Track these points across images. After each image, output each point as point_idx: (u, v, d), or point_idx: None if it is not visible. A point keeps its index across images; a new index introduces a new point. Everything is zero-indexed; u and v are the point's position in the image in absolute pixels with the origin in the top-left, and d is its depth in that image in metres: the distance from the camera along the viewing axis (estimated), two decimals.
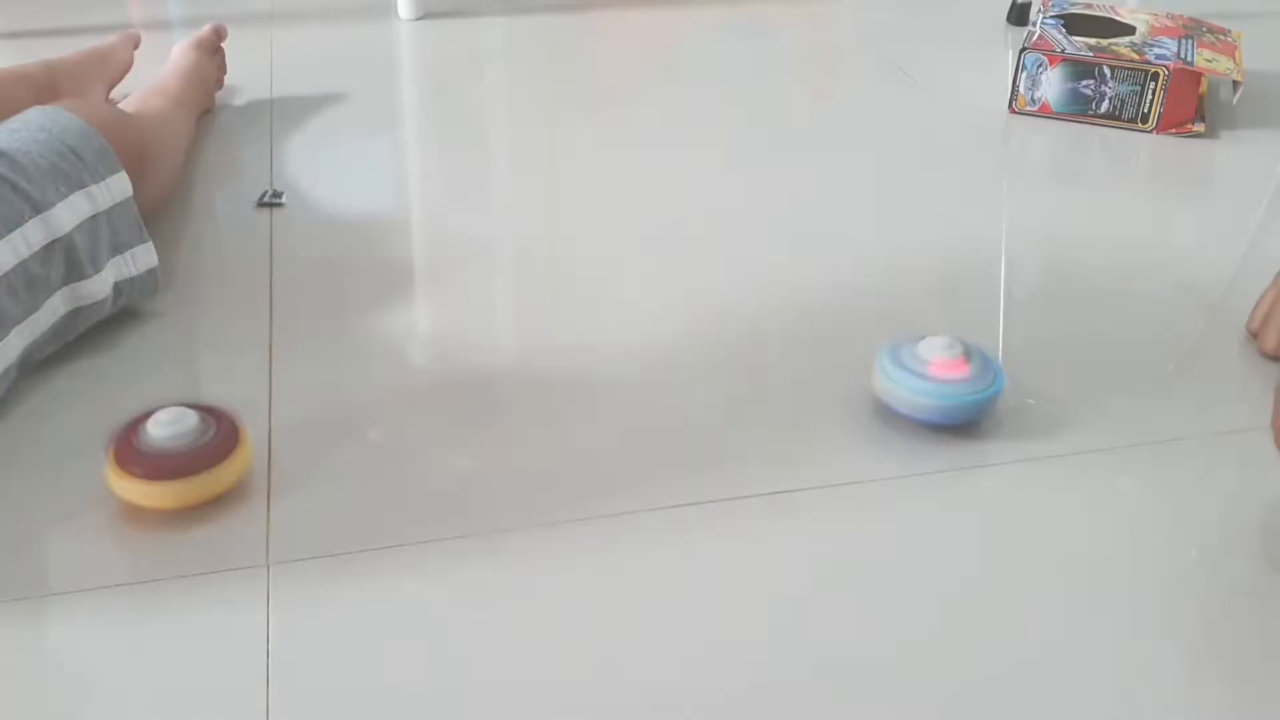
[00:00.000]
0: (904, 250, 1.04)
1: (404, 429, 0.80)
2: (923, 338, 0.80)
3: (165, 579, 0.67)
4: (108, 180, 0.88)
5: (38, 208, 0.81)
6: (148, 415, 0.71)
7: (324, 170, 1.18)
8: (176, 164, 1.10)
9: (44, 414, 0.81)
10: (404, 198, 1.14)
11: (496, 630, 0.64)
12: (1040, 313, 0.95)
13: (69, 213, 0.83)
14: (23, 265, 0.79)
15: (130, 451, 0.70)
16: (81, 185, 0.85)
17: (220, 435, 0.71)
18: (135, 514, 0.71)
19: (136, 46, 1.32)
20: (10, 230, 0.79)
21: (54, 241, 0.82)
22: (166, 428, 0.70)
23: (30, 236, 0.80)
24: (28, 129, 0.87)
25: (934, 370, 0.78)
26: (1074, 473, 0.76)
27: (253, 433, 0.75)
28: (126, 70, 1.30)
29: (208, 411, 0.73)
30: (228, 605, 0.65)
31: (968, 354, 0.79)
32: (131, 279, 0.89)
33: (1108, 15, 1.42)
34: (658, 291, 0.97)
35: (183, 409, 0.71)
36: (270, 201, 1.11)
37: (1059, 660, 0.62)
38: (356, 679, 0.61)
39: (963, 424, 0.79)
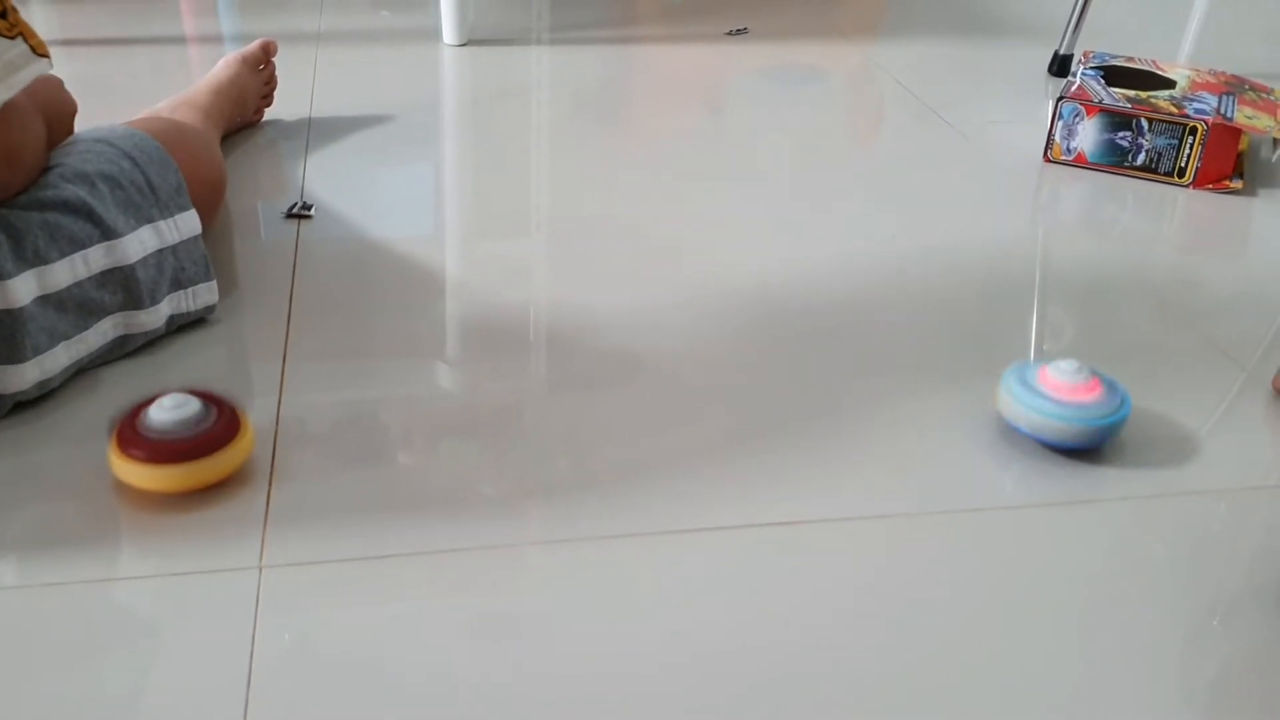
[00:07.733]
0: (933, 294, 1.03)
1: (417, 440, 0.80)
2: (1049, 361, 0.82)
3: (155, 576, 0.66)
4: (177, 218, 0.90)
5: (107, 234, 0.83)
6: (152, 399, 0.72)
7: (356, 188, 1.20)
8: (202, 174, 1.09)
9: (57, 404, 0.82)
10: (434, 218, 1.15)
11: (505, 654, 0.62)
12: None
13: (136, 245, 0.85)
14: (78, 285, 0.81)
15: (132, 434, 0.71)
16: (150, 220, 0.87)
17: (221, 422, 0.72)
18: (135, 501, 0.71)
19: None
20: (75, 251, 0.81)
21: (115, 269, 0.83)
22: (169, 412, 0.71)
23: (92, 260, 0.82)
24: (115, 152, 0.88)
25: (1064, 394, 0.80)
26: (1097, 522, 0.75)
27: (260, 432, 0.75)
28: None
29: (211, 399, 0.74)
30: (214, 610, 0.64)
31: (1096, 378, 0.81)
32: (188, 312, 0.91)
33: (1149, 69, 1.41)
34: (692, 322, 0.97)
35: (186, 395, 0.72)
36: (299, 213, 1.13)
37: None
38: (344, 699, 0.59)
39: (1091, 448, 0.81)
